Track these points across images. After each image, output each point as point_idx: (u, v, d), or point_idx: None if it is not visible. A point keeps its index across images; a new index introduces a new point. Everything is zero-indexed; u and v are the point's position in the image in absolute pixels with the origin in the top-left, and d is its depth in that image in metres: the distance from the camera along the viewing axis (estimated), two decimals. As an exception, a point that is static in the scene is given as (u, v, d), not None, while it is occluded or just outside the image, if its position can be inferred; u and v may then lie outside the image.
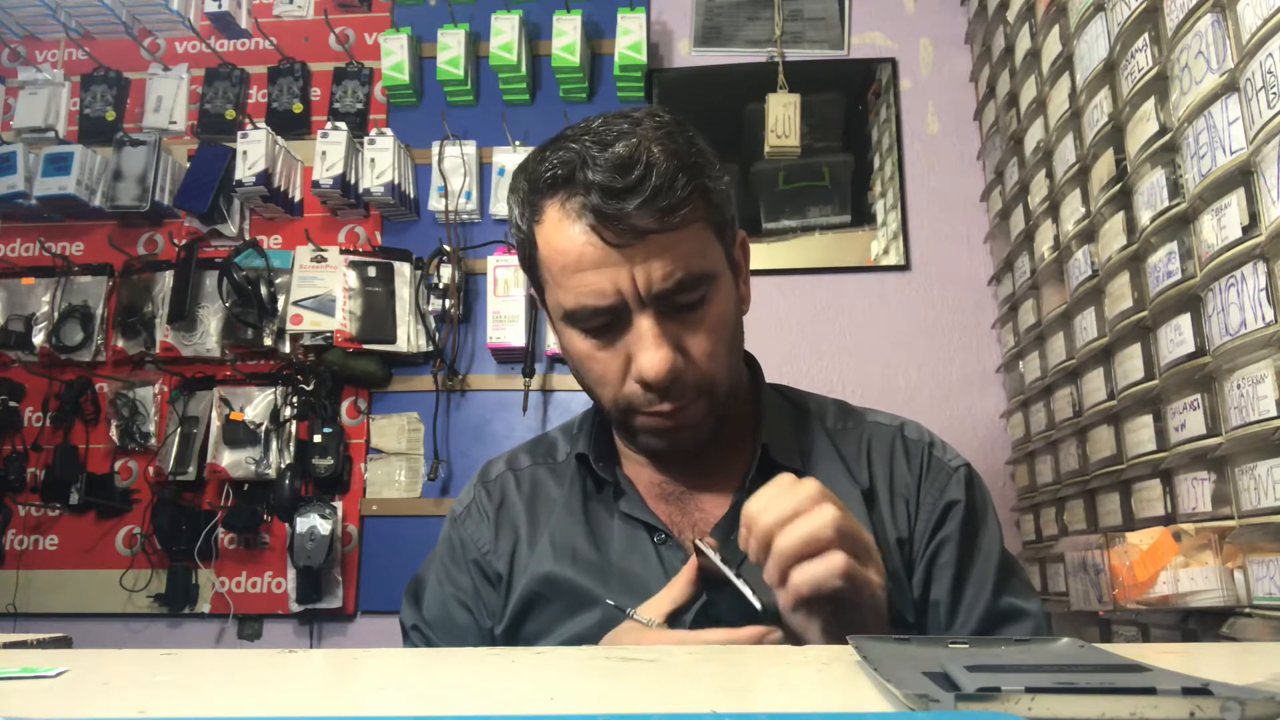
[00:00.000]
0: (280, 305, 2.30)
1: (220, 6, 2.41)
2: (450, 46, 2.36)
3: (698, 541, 0.75)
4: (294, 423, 2.27)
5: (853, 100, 2.42)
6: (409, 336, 2.28)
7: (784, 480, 0.72)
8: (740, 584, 0.67)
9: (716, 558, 0.71)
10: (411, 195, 2.39)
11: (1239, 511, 1.08)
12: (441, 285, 2.27)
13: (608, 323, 0.84)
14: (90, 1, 2.43)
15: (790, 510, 0.68)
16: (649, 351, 0.82)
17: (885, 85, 2.41)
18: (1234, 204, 1.04)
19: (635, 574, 0.89)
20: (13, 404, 2.36)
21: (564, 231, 0.83)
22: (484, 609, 0.97)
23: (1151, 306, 1.28)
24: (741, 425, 0.97)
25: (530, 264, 0.90)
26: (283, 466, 2.22)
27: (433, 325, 2.29)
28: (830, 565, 0.66)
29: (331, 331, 2.25)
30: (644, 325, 0.82)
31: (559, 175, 0.83)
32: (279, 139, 2.37)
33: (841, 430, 1.00)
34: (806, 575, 0.66)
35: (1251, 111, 0.99)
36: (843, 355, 2.26)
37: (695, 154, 0.85)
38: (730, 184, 0.91)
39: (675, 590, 0.77)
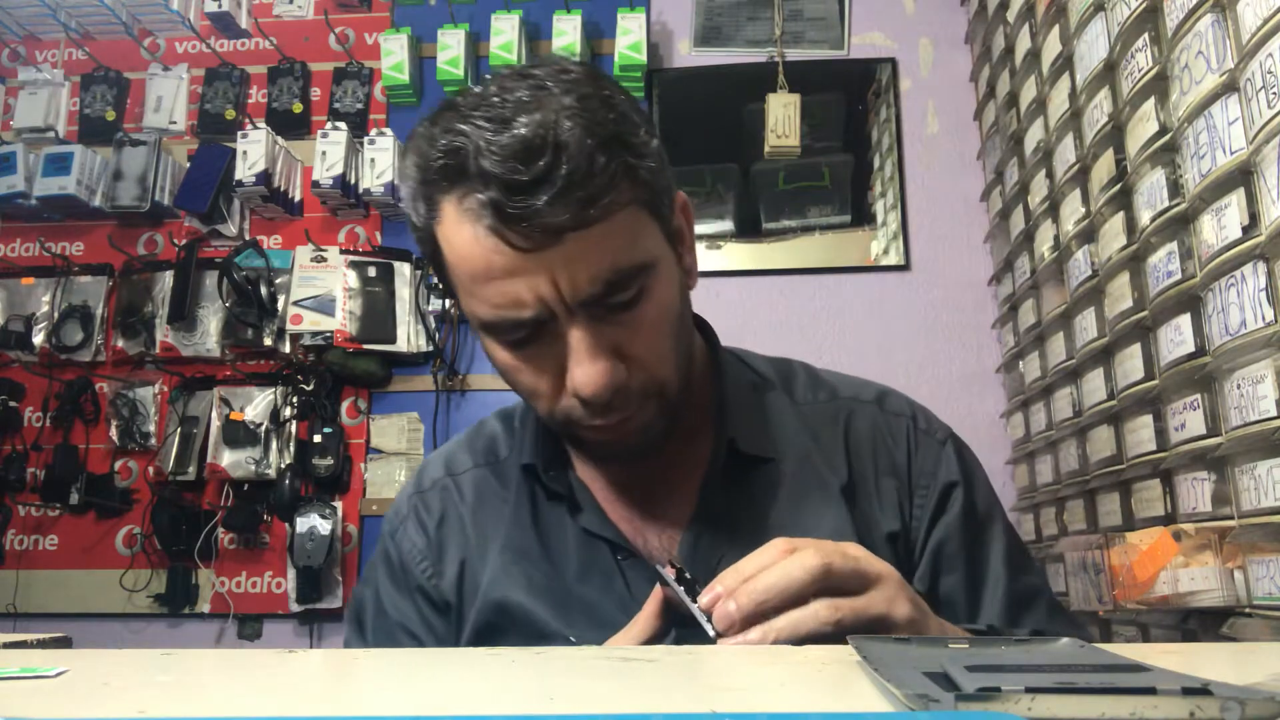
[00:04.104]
0: (280, 305, 2.30)
1: (220, 6, 2.41)
2: (450, 46, 2.36)
3: (659, 569, 0.67)
4: (294, 423, 2.27)
5: (853, 100, 2.42)
6: (409, 336, 2.28)
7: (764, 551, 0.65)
8: (697, 611, 0.62)
9: (677, 587, 0.65)
10: (411, 195, 2.39)
11: (1239, 511, 1.08)
12: (441, 285, 2.27)
13: (532, 333, 0.71)
14: (90, 1, 2.43)
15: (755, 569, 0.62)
16: (583, 366, 0.70)
17: (885, 85, 2.41)
18: (1234, 204, 1.04)
19: (596, 601, 0.80)
20: (13, 404, 2.36)
21: (465, 234, 0.69)
22: (434, 637, 0.87)
23: (1151, 306, 1.28)
24: (700, 408, 0.86)
25: (436, 265, 0.76)
26: (283, 466, 2.22)
27: (433, 325, 2.29)
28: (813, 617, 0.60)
29: (331, 331, 2.25)
30: (574, 336, 0.70)
31: (449, 166, 0.68)
32: (279, 139, 2.37)
33: (812, 403, 0.89)
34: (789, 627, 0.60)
35: (1251, 111, 0.99)
36: (843, 355, 2.26)
37: (615, 120, 0.69)
38: (660, 147, 0.75)
39: (639, 627, 0.69)
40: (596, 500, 0.84)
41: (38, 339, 2.35)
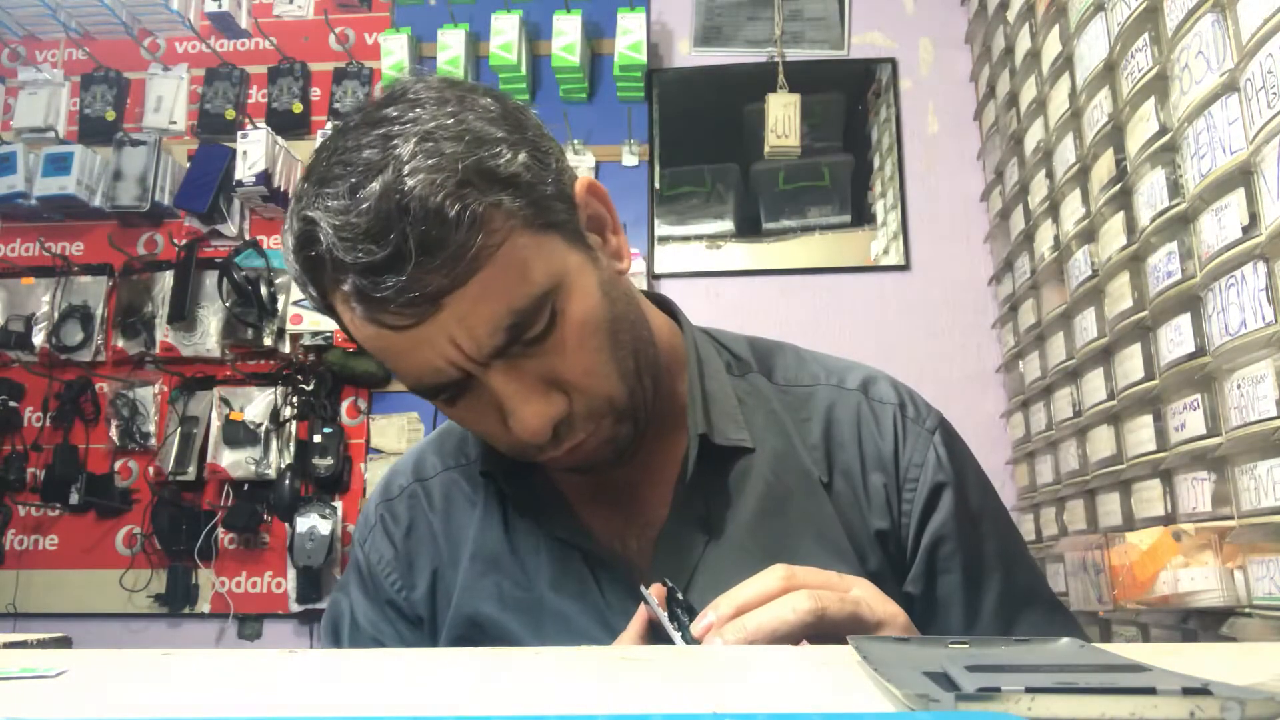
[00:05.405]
0: (280, 305, 2.30)
1: (220, 6, 2.41)
2: (450, 46, 2.36)
3: (644, 590, 0.65)
4: (294, 423, 2.27)
5: (853, 100, 2.43)
6: (409, 336, 2.28)
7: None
8: (676, 635, 0.60)
9: (661, 613, 0.62)
10: (411, 195, 2.40)
11: (1239, 511, 1.08)
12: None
13: (457, 391, 0.69)
14: (90, 1, 2.44)
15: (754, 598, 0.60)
16: (515, 414, 0.67)
17: (885, 85, 2.41)
18: (1234, 204, 1.04)
19: (570, 612, 0.76)
20: (13, 404, 2.36)
21: (348, 318, 0.66)
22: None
23: (1151, 306, 1.28)
24: (675, 399, 0.81)
25: (348, 335, 0.70)
26: (283, 466, 2.23)
27: (433, 325, 2.29)
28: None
29: (331, 331, 2.25)
30: (497, 384, 0.67)
31: (309, 257, 0.65)
32: (279, 139, 2.37)
33: (794, 386, 0.86)
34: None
35: (1251, 111, 0.99)
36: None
37: (465, 152, 0.63)
38: (536, 150, 0.68)
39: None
40: (569, 502, 0.80)
41: (38, 339, 2.36)
